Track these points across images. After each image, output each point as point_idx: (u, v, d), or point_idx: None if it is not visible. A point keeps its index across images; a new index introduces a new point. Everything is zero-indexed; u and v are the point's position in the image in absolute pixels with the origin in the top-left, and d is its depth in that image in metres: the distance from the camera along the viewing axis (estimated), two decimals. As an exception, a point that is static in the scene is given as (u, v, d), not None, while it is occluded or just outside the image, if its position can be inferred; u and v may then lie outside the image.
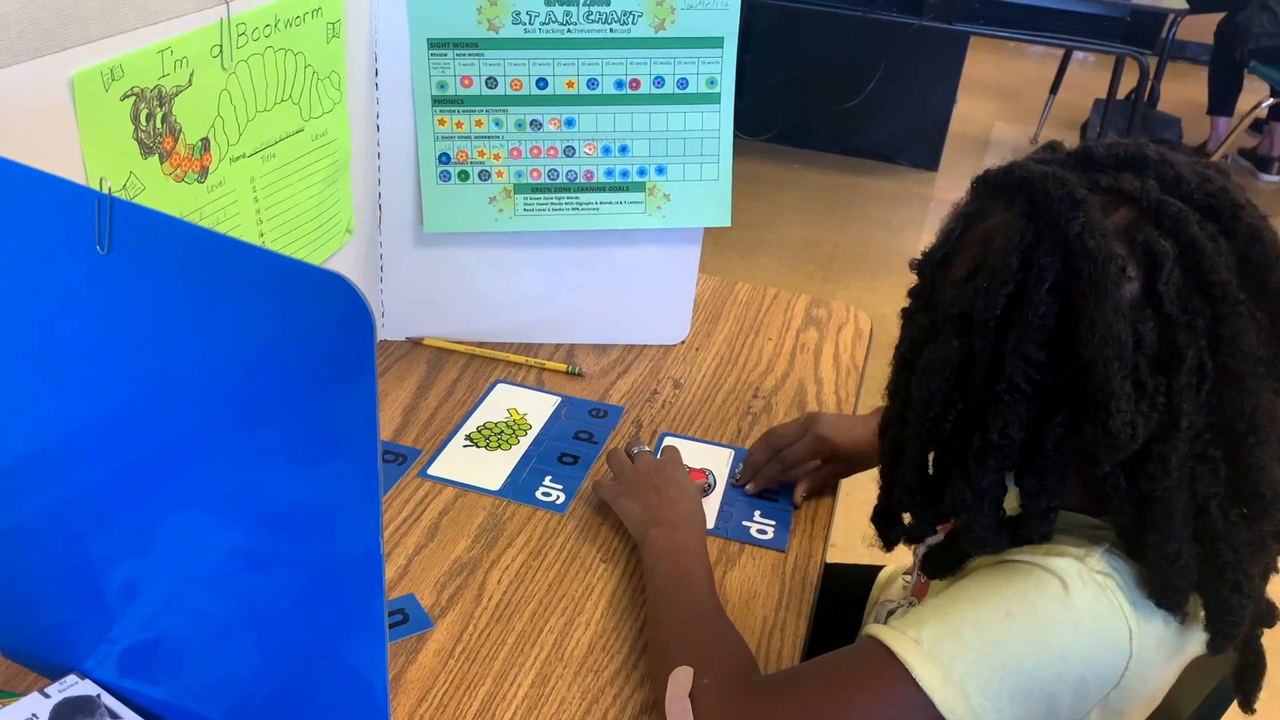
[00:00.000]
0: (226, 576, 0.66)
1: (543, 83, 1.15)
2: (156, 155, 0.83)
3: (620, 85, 1.16)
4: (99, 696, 0.75)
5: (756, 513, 1.05)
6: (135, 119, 0.80)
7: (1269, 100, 3.84)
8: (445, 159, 1.18)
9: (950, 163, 4.13)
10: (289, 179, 1.02)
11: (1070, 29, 3.19)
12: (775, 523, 1.03)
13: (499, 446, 1.12)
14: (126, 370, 0.61)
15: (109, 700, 0.75)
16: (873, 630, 0.73)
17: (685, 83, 1.17)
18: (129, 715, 0.75)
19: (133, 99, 0.79)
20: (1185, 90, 4.92)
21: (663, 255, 1.27)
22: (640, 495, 0.98)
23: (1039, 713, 0.69)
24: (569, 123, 1.18)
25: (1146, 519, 0.68)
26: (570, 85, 1.16)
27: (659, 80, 1.17)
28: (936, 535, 0.81)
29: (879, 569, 1.14)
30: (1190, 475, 0.67)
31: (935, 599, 0.75)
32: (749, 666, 0.81)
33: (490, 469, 1.08)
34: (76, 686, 0.75)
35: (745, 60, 3.78)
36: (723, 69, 1.17)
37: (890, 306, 0.81)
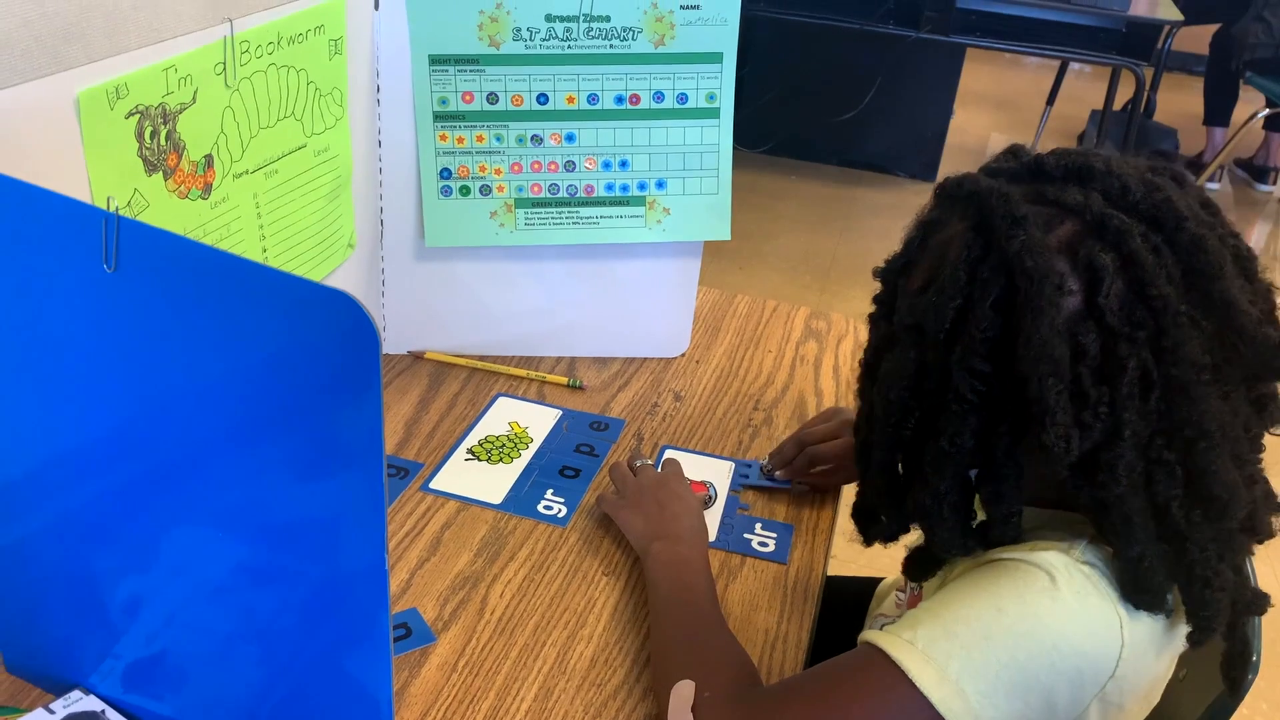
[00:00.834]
0: (231, 591, 0.66)
1: (543, 98, 1.16)
2: (160, 172, 0.84)
3: (620, 100, 1.17)
4: (104, 712, 0.75)
5: (758, 525, 1.05)
6: (140, 136, 0.80)
7: (1265, 111, 3.85)
8: (446, 174, 1.18)
9: (947, 174, 4.12)
10: (292, 195, 1.03)
11: (1066, 41, 3.21)
12: (776, 535, 1.04)
13: (501, 460, 1.12)
14: (132, 386, 0.62)
15: (114, 716, 0.75)
16: (868, 636, 0.74)
17: (685, 98, 1.18)
18: (133, 730, 0.75)
19: (137, 117, 0.80)
20: (1181, 101, 4.94)
21: (663, 269, 1.27)
22: (643, 509, 0.99)
23: (1037, 707, 0.70)
24: (569, 138, 1.18)
25: (1106, 524, 0.70)
26: (571, 100, 1.16)
27: (659, 95, 1.17)
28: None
29: (880, 581, 1.14)
30: (1145, 480, 0.68)
31: (927, 601, 0.76)
32: (751, 679, 0.82)
33: (492, 482, 1.08)
34: (81, 702, 0.76)
35: (743, 72, 3.78)
36: (722, 84, 1.18)
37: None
